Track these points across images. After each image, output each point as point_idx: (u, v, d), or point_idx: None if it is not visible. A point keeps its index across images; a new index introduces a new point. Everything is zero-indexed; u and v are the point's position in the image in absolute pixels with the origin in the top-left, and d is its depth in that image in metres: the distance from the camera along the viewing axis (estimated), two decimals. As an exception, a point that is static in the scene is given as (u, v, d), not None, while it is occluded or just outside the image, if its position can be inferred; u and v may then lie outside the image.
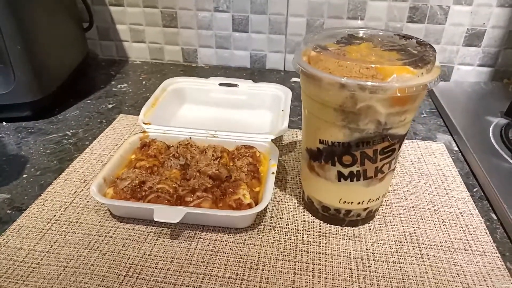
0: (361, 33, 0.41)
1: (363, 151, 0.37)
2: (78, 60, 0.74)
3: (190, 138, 0.51)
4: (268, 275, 0.38)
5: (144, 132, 0.53)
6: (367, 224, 0.44)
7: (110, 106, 0.68)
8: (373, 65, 0.34)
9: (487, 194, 0.48)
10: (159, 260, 0.39)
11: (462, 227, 0.43)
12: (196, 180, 0.43)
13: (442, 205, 0.46)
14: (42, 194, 0.47)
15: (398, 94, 0.33)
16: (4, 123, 0.61)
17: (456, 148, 0.58)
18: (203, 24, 0.80)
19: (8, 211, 0.45)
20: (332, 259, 0.39)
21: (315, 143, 0.39)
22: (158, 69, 0.82)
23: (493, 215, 0.45)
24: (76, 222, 0.43)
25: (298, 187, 0.49)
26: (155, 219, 0.39)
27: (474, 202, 0.47)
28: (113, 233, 0.42)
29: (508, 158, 0.52)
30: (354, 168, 0.38)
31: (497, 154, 0.53)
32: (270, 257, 0.39)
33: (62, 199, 0.46)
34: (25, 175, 0.50)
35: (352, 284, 0.37)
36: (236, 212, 0.39)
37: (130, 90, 0.73)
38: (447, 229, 0.43)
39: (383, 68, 0.34)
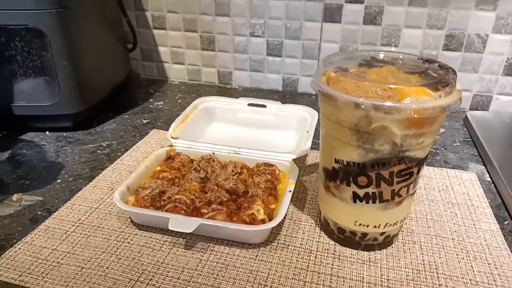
0: (382, 55, 0.42)
1: (378, 173, 0.37)
2: (121, 78, 0.79)
3: (213, 153, 0.53)
4: (276, 292, 0.37)
5: (171, 146, 0.55)
6: (384, 249, 0.42)
7: (145, 121, 0.71)
8: (390, 86, 0.34)
9: (519, 228, 0.45)
10: (171, 269, 0.40)
11: (487, 260, 0.41)
12: (213, 193, 0.44)
13: (467, 236, 0.44)
14: (71, 199, 0.50)
15: (414, 116, 0.33)
16: (47, 132, 0.66)
17: (488, 179, 0.55)
18: (239, 48, 0.83)
19: (39, 212, 0.48)
20: (343, 282, 0.38)
21: (330, 163, 0.39)
22: (194, 89, 0.86)
23: (524, 251, 0.43)
24: (98, 227, 0.45)
25: (317, 208, 0.48)
26: (170, 228, 0.40)
27: (504, 236, 0.44)
28: (131, 240, 0.43)
29: (545, 192, 0.49)
30: (370, 190, 0.38)
31: (533, 187, 0.50)
32: (280, 275, 0.39)
33: (88, 204, 0.49)
34: (58, 181, 0.54)
35: (361, 309, 0.36)
36: (248, 226, 0.40)
37: (166, 107, 0.77)
38: (470, 261, 0.41)
39: (400, 89, 0.34)
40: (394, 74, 0.38)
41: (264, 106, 0.66)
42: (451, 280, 0.39)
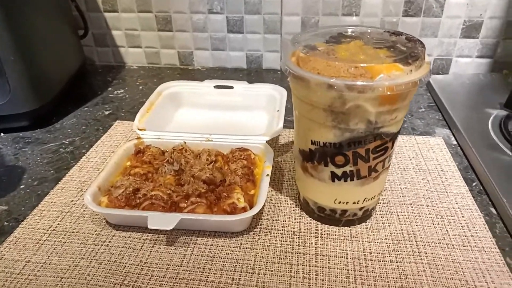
0: (349, 31, 0.41)
1: (355, 151, 0.37)
2: (75, 68, 0.75)
3: (185, 142, 0.51)
4: (264, 279, 0.37)
5: (139, 138, 0.53)
6: (364, 223, 0.43)
7: (106, 112, 0.68)
8: (361, 64, 0.33)
9: (486, 188, 0.48)
10: (155, 268, 0.39)
11: (460, 223, 0.43)
12: (190, 186, 0.43)
13: (440, 201, 0.46)
14: (39, 205, 0.47)
15: (388, 93, 0.33)
16: (2, 134, 0.62)
17: (455, 142, 0.57)
18: (197, 27, 0.80)
19: (5, 223, 0.45)
20: (328, 260, 0.39)
21: (306, 144, 0.39)
22: (155, 73, 0.83)
23: (493, 210, 0.45)
24: (72, 232, 0.43)
25: (295, 187, 0.48)
26: (149, 227, 0.39)
27: (473, 197, 0.46)
28: (109, 242, 0.42)
29: (508, 151, 0.51)
30: (347, 168, 0.38)
31: (497, 147, 0.52)
32: (266, 260, 0.39)
33: (58, 208, 0.46)
34: (22, 186, 0.51)
35: (349, 285, 0.37)
36: (230, 216, 0.39)
37: (127, 96, 0.74)
38: (445, 225, 0.43)
39: (371, 67, 0.33)
40: (363, 50, 0.38)
41: (231, 87, 0.64)
42: (429, 246, 0.40)
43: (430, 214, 0.44)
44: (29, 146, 0.59)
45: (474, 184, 0.49)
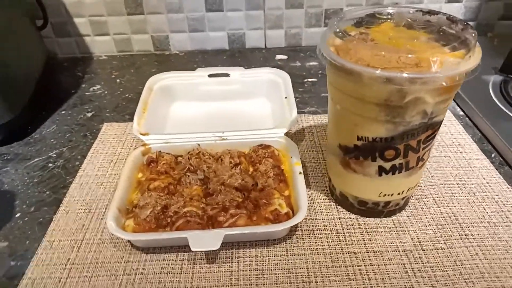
0: (376, 11, 0.38)
1: (407, 144, 0.35)
2: (41, 65, 0.66)
3: (199, 145, 0.47)
4: (324, 286, 0.36)
5: (144, 145, 0.47)
6: (403, 210, 0.42)
7: (89, 114, 0.61)
8: (408, 55, 0.31)
9: (507, 159, 0.48)
10: (204, 291, 0.36)
11: (494, 199, 0.43)
12: (224, 196, 0.39)
13: (468, 178, 0.46)
14: (45, 235, 0.41)
15: (449, 83, 0.31)
16: (-27, 153, 0.53)
17: (461, 113, 0.57)
18: (172, 7, 0.73)
19: (12, 263, 0.39)
20: (381, 256, 0.38)
21: (351, 140, 0.36)
22: (129, 63, 0.75)
23: (518, 180, 0.46)
24: (96, 263, 0.38)
25: (322, 181, 0.46)
26: (193, 249, 0.35)
27: (496, 169, 0.47)
28: (143, 269, 0.38)
29: (517, 118, 0.52)
30: (397, 161, 0.36)
31: (506, 115, 0.53)
32: (319, 265, 0.37)
33: (70, 237, 0.41)
34: (18, 215, 0.44)
35: (409, 280, 0.36)
36: (277, 226, 0.37)
37: (106, 92, 0.66)
38: (480, 203, 0.43)
39: (426, 55, 0.31)
40: (400, 33, 0.36)
41: (226, 75, 0.60)
42: (473, 227, 0.40)
43: (462, 192, 0.44)
44: (11, 164, 0.51)
45: (493, 155, 0.49)
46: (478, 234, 0.39)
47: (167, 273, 0.37)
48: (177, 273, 0.37)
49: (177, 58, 0.76)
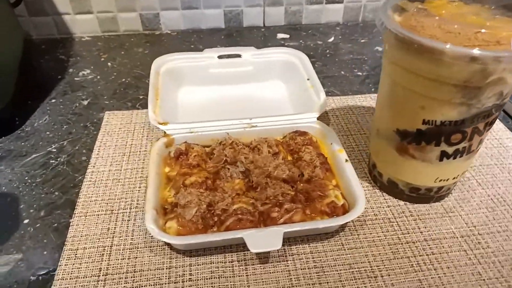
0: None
1: (476, 127, 0.33)
2: (20, 48, 0.57)
3: (228, 134, 0.43)
4: (391, 280, 0.33)
5: (167, 135, 0.42)
6: (450, 194, 0.41)
7: (85, 102, 0.54)
8: (482, 30, 0.29)
9: (535, 137, 0.48)
10: (266, 295, 0.32)
11: (533, 178, 0.43)
12: (273, 189, 0.36)
13: (503, 157, 0.45)
14: (66, 243, 0.36)
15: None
16: (-46, 151, 0.46)
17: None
18: (164, -18, 0.67)
19: (32, 277, 0.34)
20: (441, 243, 0.36)
21: (414, 124, 0.34)
22: (117, 44, 0.68)
23: (551, 158, 0.46)
24: (134, 272, 0.34)
25: (359, 167, 0.44)
26: (253, 250, 0.32)
27: (524, 145, 0.47)
28: (190, 274, 0.34)
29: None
30: (461, 145, 0.34)
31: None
32: (381, 258, 0.35)
33: (96, 243, 0.36)
34: (26, 221, 0.38)
35: (475, 267, 0.34)
36: (340, 219, 0.34)
37: (98, 77, 0.60)
38: (521, 182, 0.42)
39: (505, 30, 0.29)
40: (459, 8, 0.34)
41: (238, 56, 0.55)
42: (522, 208, 0.40)
43: (503, 173, 0.43)
44: (4, 162, 0.45)
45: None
46: (529, 215, 0.39)
47: (218, 277, 0.33)
48: (230, 277, 0.33)
49: (170, 38, 0.70)
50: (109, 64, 0.63)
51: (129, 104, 0.54)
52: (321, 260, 0.35)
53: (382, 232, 0.37)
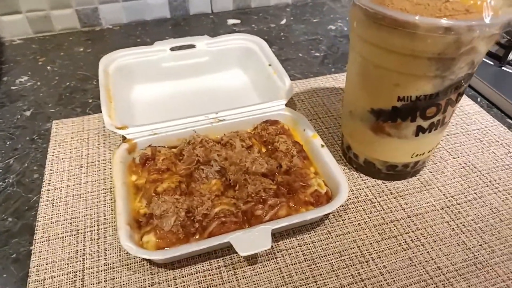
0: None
1: (449, 98, 0.33)
2: None
3: (195, 131, 0.40)
4: (383, 262, 0.33)
5: (128, 140, 0.39)
6: (424, 167, 0.41)
7: (27, 113, 0.49)
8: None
9: (493, 101, 0.50)
10: (260, 298, 0.31)
11: (498, 142, 0.44)
12: (254, 186, 0.34)
13: (467, 124, 0.47)
14: (30, 274, 0.32)
15: (499, 31, 0.29)
16: None
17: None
18: (100, -27, 0.61)
19: (-5, 320, 0.30)
20: (424, 218, 0.36)
21: (389, 102, 0.33)
22: (54, 45, 0.62)
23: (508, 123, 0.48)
24: (115, 295, 0.31)
25: (332, 149, 0.43)
26: (242, 254, 0.30)
27: (487, 112, 0.48)
28: (178, 287, 0.31)
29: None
30: (436, 119, 0.34)
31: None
32: (369, 241, 0.35)
33: (65, 269, 0.32)
34: (-21, 255, 0.34)
35: (459, 237, 0.35)
36: (327, 207, 0.33)
37: (38, 83, 0.54)
38: (488, 147, 0.44)
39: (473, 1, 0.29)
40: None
41: (192, 46, 0.52)
42: (492, 172, 0.41)
43: (469, 140, 0.45)
44: None
45: (479, 99, 0.51)
46: (500, 179, 0.40)
47: (207, 287, 0.31)
48: (220, 284, 0.31)
49: (112, 34, 0.65)
50: (48, 68, 0.57)
51: (78, 110, 0.50)
52: (310, 252, 0.34)
53: (366, 214, 0.37)
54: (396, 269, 0.32)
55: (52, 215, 0.37)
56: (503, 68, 0.53)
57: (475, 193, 0.39)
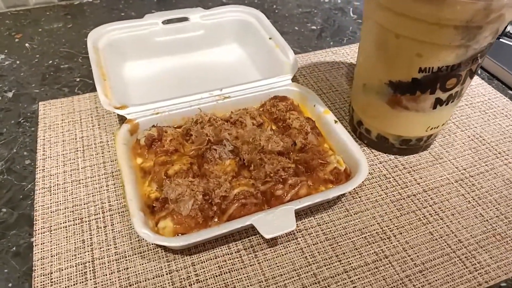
0: None
1: (470, 69, 0.32)
2: None
3: (200, 110, 0.38)
4: (403, 237, 0.32)
5: (129, 121, 0.36)
6: (434, 140, 0.41)
7: (9, 94, 0.45)
8: None
9: (493, 73, 0.50)
10: (285, 279, 0.29)
11: (502, 113, 0.44)
12: (272, 165, 0.32)
13: (471, 96, 0.46)
14: (34, 268, 0.30)
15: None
16: None
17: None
18: None
19: (1, 319, 0.27)
20: (439, 192, 0.36)
21: (409, 74, 0.32)
22: (30, 20, 0.57)
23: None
24: (129, 285, 0.29)
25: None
26: (267, 236, 0.28)
27: (489, 84, 0.48)
28: (197, 275, 0.30)
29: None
30: (454, 90, 0.33)
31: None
32: (388, 217, 0.34)
33: (73, 261, 0.30)
34: (-27, 250, 0.31)
35: (476, 209, 0.35)
36: (348, 185, 0.31)
37: (18, 61, 0.50)
38: (494, 119, 0.44)
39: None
40: None
41: (185, 19, 0.49)
42: (501, 144, 0.41)
43: (474, 112, 0.44)
44: None
45: (479, 72, 0.50)
46: (509, 150, 0.40)
47: (229, 271, 0.30)
48: (241, 268, 0.30)
49: (93, 8, 0.61)
50: (27, 45, 0.52)
51: (66, 90, 0.46)
52: (330, 231, 0.33)
53: (382, 190, 0.36)
54: (418, 244, 0.32)
55: (51, 203, 0.34)
56: (500, 40, 0.53)
57: (486, 165, 0.39)
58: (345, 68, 0.50)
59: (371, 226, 0.33)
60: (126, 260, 0.30)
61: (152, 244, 0.31)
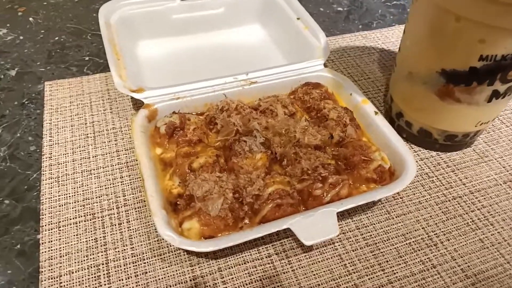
0: None
1: (536, 58, 0.28)
2: None
3: (225, 96, 0.34)
4: (452, 244, 0.29)
5: (147, 106, 0.33)
6: (478, 138, 0.37)
7: (12, 72, 0.41)
8: None
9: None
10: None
11: (547, 108, 0.41)
12: (309, 160, 0.28)
13: (514, 89, 0.43)
14: (41, 270, 0.26)
15: None
16: None
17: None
18: None
19: (5, 328, 0.24)
20: (487, 194, 0.33)
21: (466, 62, 0.28)
22: (34, -7, 0.53)
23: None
24: (151, 292, 0.26)
25: (376, 116, 0.38)
26: (307, 243, 0.25)
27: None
28: (224, 282, 0.26)
29: None
30: (514, 82, 0.30)
31: None
32: (434, 221, 0.31)
33: (84, 262, 0.27)
34: (-28, 247, 0.28)
35: (528, 214, 0.32)
36: (398, 185, 0.28)
37: (21, 37, 0.46)
38: (538, 114, 0.40)
39: None
40: None
41: (205, -4, 0.45)
42: (549, 142, 0.37)
43: (518, 106, 0.41)
44: None
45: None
46: (558, 148, 0.37)
47: (260, 279, 0.27)
48: (274, 276, 0.27)
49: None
50: (31, 19, 0.48)
51: (74, 69, 0.42)
52: (371, 235, 0.29)
53: (425, 190, 0.33)
54: (468, 253, 0.29)
55: (59, 196, 0.30)
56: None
57: (535, 164, 0.35)
58: (377, 54, 0.46)
59: (416, 231, 0.30)
60: (145, 263, 0.27)
61: (171, 245, 0.27)
